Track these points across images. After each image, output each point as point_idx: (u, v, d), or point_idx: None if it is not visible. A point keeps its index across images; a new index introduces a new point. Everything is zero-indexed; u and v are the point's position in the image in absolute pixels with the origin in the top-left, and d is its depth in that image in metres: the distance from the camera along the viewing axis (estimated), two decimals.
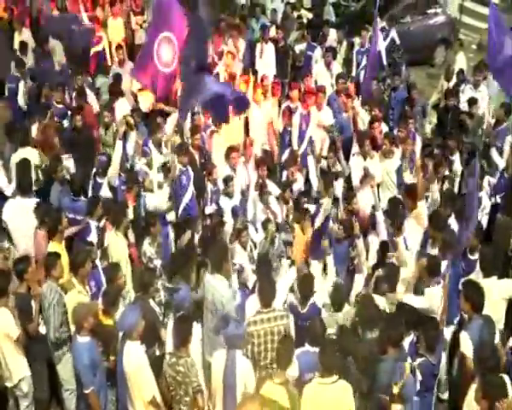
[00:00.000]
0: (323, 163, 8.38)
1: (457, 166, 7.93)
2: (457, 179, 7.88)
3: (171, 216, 7.31)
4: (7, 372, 5.38)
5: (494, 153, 7.84)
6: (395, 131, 8.25)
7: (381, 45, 11.12)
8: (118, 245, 6.18)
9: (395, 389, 4.43)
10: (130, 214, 6.76)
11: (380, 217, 6.44)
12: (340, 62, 11.04)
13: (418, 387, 4.84)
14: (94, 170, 7.55)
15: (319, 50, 10.85)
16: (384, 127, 8.51)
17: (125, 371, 4.77)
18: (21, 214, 6.50)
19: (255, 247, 7.01)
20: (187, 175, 7.47)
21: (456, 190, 7.72)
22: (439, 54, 13.63)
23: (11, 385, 5.43)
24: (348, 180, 7.92)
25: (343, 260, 6.65)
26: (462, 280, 5.50)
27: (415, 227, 6.51)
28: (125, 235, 6.42)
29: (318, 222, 6.75)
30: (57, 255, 5.58)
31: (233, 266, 6.00)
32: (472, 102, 8.78)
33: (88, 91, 9.54)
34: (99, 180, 7.41)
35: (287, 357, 4.59)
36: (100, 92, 10.39)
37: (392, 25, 11.43)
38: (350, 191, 7.56)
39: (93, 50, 11.03)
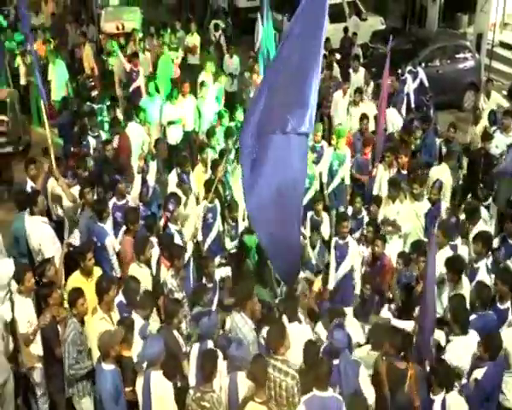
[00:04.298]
0: None
1: (492, 211, 7.76)
2: (493, 222, 7.70)
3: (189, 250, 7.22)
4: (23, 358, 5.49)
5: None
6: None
7: (410, 87, 11.26)
8: (141, 276, 6.08)
9: None
10: None
11: None
12: (366, 103, 11.04)
13: None
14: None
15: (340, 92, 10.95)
16: None
17: (151, 400, 4.73)
18: None
19: (278, 284, 6.92)
20: (213, 212, 7.47)
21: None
22: (468, 98, 13.59)
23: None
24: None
25: None
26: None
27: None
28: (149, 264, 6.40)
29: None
30: (79, 292, 5.44)
31: None
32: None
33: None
34: (118, 203, 7.37)
35: (263, 375, 4.58)
36: None
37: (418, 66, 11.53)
38: (376, 234, 7.24)
39: (134, 85, 11.31)
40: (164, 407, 4.76)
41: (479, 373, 5.05)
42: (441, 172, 8.34)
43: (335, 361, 4.92)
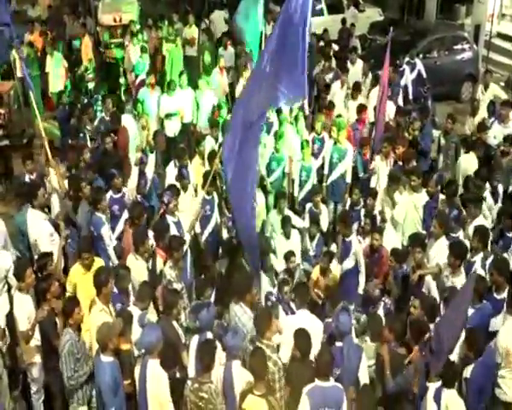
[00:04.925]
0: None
1: (490, 201, 7.72)
2: (494, 212, 7.66)
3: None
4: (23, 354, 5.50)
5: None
6: None
7: (408, 78, 11.26)
8: (136, 268, 6.13)
9: None
10: None
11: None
12: (364, 95, 11.05)
13: None
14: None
15: (338, 83, 10.91)
16: None
17: (146, 387, 4.76)
18: None
19: (276, 275, 6.95)
20: (211, 204, 7.49)
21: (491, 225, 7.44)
22: (466, 89, 13.58)
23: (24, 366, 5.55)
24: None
25: None
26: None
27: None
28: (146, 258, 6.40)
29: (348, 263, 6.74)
30: (75, 302, 5.40)
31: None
32: (508, 139, 8.58)
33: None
34: (114, 196, 7.35)
35: (262, 368, 4.59)
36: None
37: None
38: (373, 226, 7.29)
39: (140, 78, 11.26)
40: (158, 395, 4.78)
41: (467, 371, 5.10)
42: (470, 161, 8.47)
43: (339, 344, 5.00)
